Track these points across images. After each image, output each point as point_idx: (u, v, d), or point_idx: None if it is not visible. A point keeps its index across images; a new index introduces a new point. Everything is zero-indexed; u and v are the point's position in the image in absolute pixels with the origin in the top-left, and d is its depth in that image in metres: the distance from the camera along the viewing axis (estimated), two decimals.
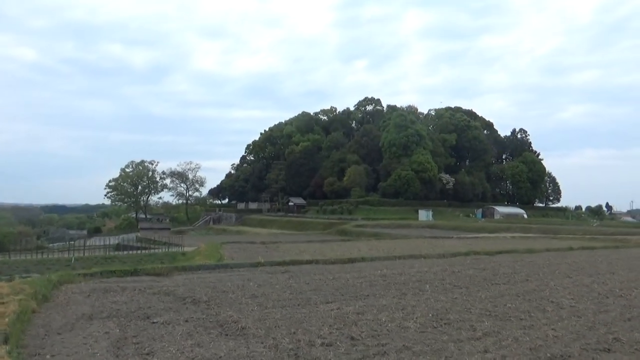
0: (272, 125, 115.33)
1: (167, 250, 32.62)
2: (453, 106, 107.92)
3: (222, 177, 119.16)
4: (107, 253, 33.36)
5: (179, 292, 10.24)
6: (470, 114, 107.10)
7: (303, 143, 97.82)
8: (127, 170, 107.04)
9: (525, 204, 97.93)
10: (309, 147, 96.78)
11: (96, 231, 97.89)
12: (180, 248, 33.48)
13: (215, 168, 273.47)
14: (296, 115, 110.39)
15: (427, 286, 11.53)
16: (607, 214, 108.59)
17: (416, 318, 8.01)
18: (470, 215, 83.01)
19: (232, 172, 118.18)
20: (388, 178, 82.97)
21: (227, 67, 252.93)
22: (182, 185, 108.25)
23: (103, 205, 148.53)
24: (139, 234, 57.46)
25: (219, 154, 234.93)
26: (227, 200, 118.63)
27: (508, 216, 78.70)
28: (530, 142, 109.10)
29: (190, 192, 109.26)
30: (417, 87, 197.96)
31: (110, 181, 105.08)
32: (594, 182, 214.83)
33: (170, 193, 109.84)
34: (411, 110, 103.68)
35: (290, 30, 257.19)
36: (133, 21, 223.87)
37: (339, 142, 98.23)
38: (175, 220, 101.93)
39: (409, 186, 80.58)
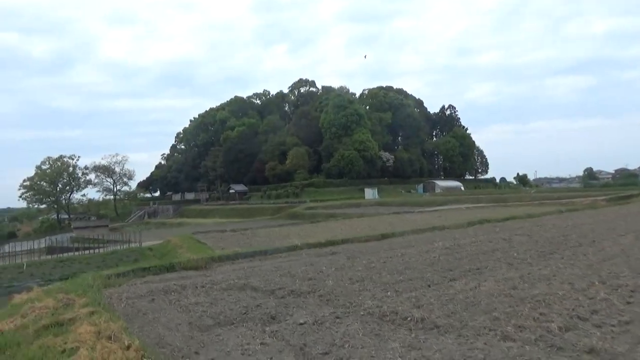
0: (194, 112, 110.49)
1: (127, 247, 29.30)
2: (384, 85, 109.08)
3: (146, 170, 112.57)
4: (41, 257, 29.35)
5: (255, 284, 8.35)
6: (401, 92, 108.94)
7: (239, 128, 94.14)
8: (43, 167, 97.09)
9: (458, 177, 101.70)
10: (245, 131, 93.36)
11: (10, 236, 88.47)
12: (138, 244, 30.37)
13: (135, 161, 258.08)
14: (228, 99, 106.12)
15: (515, 254, 10.49)
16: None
17: (592, 290, 6.84)
18: (411, 190, 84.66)
19: (163, 162, 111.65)
20: (331, 159, 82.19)
21: (140, 55, 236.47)
22: (109, 179, 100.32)
23: (9, 209, 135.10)
24: (73, 234, 52.15)
25: (139, 146, 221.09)
26: (158, 192, 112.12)
27: (448, 189, 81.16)
28: (459, 118, 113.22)
29: (118, 187, 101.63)
30: (336, 70, 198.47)
31: (24, 180, 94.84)
32: (500, 155, 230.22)
33: (96, 189, 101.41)
34: (345, 91, 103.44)
35: (206, 16, 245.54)
36: (28, 8, 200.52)
37: (276, 125, 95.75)
38: (103, 218, 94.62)
39: (353, 166, 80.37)
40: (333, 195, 73.70)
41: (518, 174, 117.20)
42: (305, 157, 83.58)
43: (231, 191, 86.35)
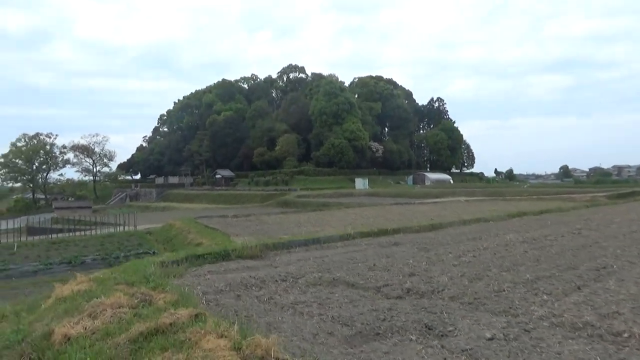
0: (174, 96, 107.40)
1: (123, 230, 27.39)
2: (374, 75, 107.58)
3: (122, 152, 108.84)
4: (27, 237, 27.19)
5: (348, 279, 6.95)
6: (391, 82, 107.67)
7: (226, 112, 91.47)
8: (19, 144, 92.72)
9: (445, 170, 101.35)
10: (232, 116, 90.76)
11: None
12: (131, 227, 28.50)
13: (112, 143, 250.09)
14: (215, 82, 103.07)
15: (617, 250, 9.26)
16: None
17: None
18: (400, 182, 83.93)
19: (144, 145, 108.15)
20: (321, 147, 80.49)
21: (120, 34, 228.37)
22: (88, 160, 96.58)
23: None
24: (54, 215, 49.53)
25: (116, 128, 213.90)
26: (139, 175, 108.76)
27: (437, 182, 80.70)
28: (447, 111, 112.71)
29: (98, 168, 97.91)
30: (320, 59, 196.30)
31: None
32: (477, 150, 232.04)
33: (75, 169, 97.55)
34: (334, 78, 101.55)
35: None
36: None
37: (264, 111, 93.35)
38: (82, 199, 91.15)
39: (343, 155, 78.88)
40: (323, 184, 72.30)
41: (496, 169, 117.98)
42: (295, 144, 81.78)
43: (217, 176, 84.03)
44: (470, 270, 7.40)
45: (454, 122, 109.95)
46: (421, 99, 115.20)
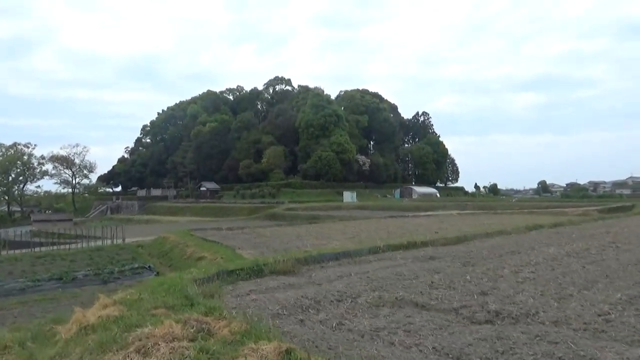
0: (157, 108, 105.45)
1: (111, 243, 25.90)
2: (360, 88, 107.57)
3: (103, 164, 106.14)
4: (7, 252, 25.43)
5: (413, 299, 6.02)
6: (377, 96, 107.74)
7: (211, 123, 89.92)
8: None
9: (430, 183, 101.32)
10: (217, 127, 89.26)
11: None
12: (120, 240, 27.06)
13: (92, 155, 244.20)
14: (200, 93, 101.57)
15: None
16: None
17: None
18: (387, 195, 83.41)
19: (126, 156, 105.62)
20: (307, 160, 79.61)
21: (102, 44, 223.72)
22: (67, 171, 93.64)
23: None
24: (33, 228, 47.40)
25: (96, 139, 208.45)
26: (120, 187, 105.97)
27: (424, 195, 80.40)
28: (432, 125, 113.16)
29: (77, 179, 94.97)
30: (304, 73, 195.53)
31: None
32: (460, 165, 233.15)
33: (54, 181, 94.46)
34: (321, 91, 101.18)
35: (175, 10, 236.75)
36: None
37: (250, 122, 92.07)
38: (60, 211, 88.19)
39: (330, 168, 78.07)
40: (310, 197, 71.27)
41: (476, 184, 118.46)
42: (282, 157, 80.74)
43: (202, 189, 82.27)
44: (545, 289, 6.55)
45: (439, 136, 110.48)
46: (406, 113, 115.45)
